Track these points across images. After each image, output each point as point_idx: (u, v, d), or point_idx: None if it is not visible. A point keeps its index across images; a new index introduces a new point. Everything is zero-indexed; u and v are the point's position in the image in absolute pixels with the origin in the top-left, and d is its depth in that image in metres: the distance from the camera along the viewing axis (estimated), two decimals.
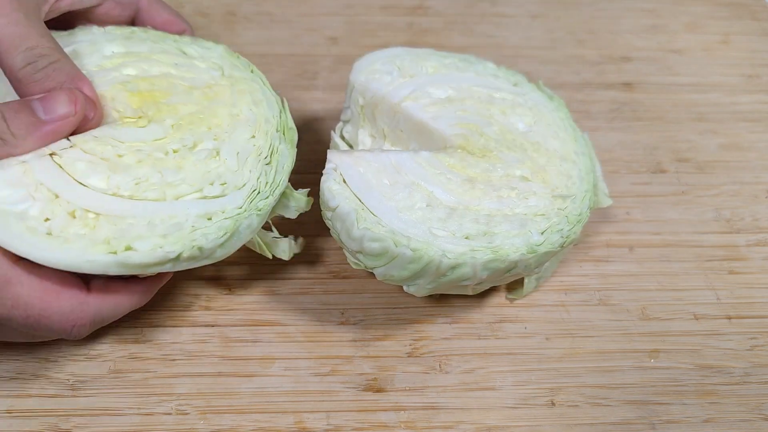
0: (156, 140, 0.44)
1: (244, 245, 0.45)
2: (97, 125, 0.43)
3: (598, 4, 0.81)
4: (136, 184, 0.41)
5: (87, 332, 0.41)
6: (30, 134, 0.39)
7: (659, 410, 0.47)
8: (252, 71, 0.51)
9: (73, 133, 0.42)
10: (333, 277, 0.54)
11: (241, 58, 0.52)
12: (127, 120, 0.44)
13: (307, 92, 0.68)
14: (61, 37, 0.48)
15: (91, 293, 0.40)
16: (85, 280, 0.40)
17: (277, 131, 0.48)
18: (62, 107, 0.40)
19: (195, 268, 0.42)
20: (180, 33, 0.54)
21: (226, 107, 0.47)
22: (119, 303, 0.42)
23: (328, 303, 0.52)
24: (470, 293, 0.49)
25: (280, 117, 0.49)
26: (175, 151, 0.44)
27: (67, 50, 0.44)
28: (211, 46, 0.52)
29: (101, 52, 0.48)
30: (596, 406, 0.47)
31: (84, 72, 0.43)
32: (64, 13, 0.49)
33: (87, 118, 0.42)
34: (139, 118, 0.45)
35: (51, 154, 0.40)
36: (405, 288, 0.46)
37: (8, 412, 0.45)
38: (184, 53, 0.50)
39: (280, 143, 0.47)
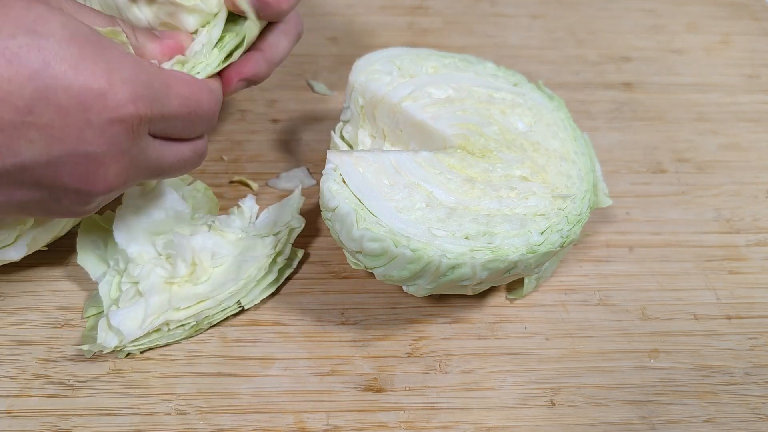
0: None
1: None
2: None
3: (598, 4, 0.81)
4: None
5: (218, 113, 0.45)
6: (150, 42, 0.44)
7: (659, 410, 0.47)
8: None
9: None
10: (333, 277, 0.54)
11: None
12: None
13: (307, 92, 0.68)
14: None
15: (212, 85, 0.45)
16: None
17: None
18: (177, 35, 0.45)
19: None
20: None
21: None
22: (220, 90, 0.46)
23: (328, 303, 0.52)
24: (470, 293, 0.49)
25: None
26: None
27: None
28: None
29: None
30: (596, 406, 0.47)
31: None
32: None
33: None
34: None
35: None
36: (405, 288, 0.46)
37: (8, 412, 0.45)
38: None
39: None
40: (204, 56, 0.45)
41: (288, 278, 0.53)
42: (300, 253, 0.54)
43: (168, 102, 0.40)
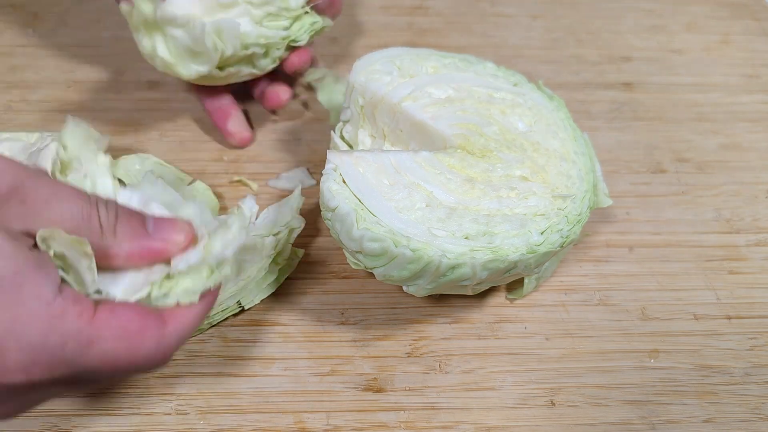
0: None
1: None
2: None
3: (598, 4, 0.81)
4: None
5: (170, 358, 0.38)
6: (129, 241, 0.37)
7: (659, 410, 0.47)
8: None
9: None
10: (333, 277, 0.54)
11: None
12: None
13: (306, 92, 0.68)
14: None
15: (168, 323, 0.37)
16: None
17: None
18: (172, 233, 0.38)
19: None
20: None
21: None
22: (193, 321, 0.38)
23: (328, 303, 0.52)
24: (470, 293, 0.49)
25: None
26: None
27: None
28: None
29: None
30: (596, 406, 0.47)
31: None
32: None
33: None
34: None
35: None
36: (405, 288, 0.46)
37: None
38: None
39: None
40: (189, 278, 0.38)
41: (288, 278, 0.53)
42: (300, 253, 0.54)
43: (83, 362, 0.34)
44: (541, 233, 0.46)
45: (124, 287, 0.37)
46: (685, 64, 0.74)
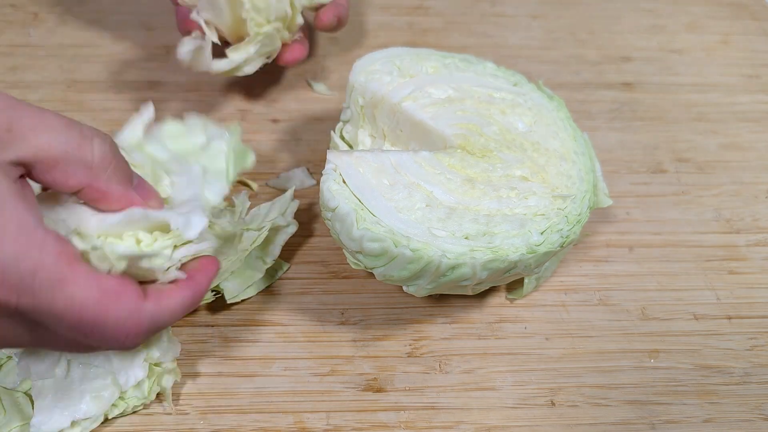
0: None
1: None
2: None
3: (598, 4, 0.81)
4: None
5: (141, 342, 0.36)
6: (118, 184, 0.37)
7: (659, 410, 0.47)
8: None
9: None
10: (333, 277, 0.54)
11: None
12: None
13: (307, 92, 0.68)
14: None
15: (148, 299, 0.36)
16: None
17: None
18: (150, 196, 0.39)
19: None
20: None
21: None
22: (175, 308, 0.37)
23: (328, 303, 0.52)
24: (470, 293, 0.49)
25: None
26: None
27: None
28: None
29: None
30: (596, 406, 0.47)
31: None
32: None
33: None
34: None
35: None
36: (405, 288, 0.46)
37: None
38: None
39: None
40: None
41: (288, 278, 0.53)
42: (285, 266, 0.54)
43: (50, 299, 0.33)
44: (541, 233, 0.46)
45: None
46: (685, 64, 0.74)
